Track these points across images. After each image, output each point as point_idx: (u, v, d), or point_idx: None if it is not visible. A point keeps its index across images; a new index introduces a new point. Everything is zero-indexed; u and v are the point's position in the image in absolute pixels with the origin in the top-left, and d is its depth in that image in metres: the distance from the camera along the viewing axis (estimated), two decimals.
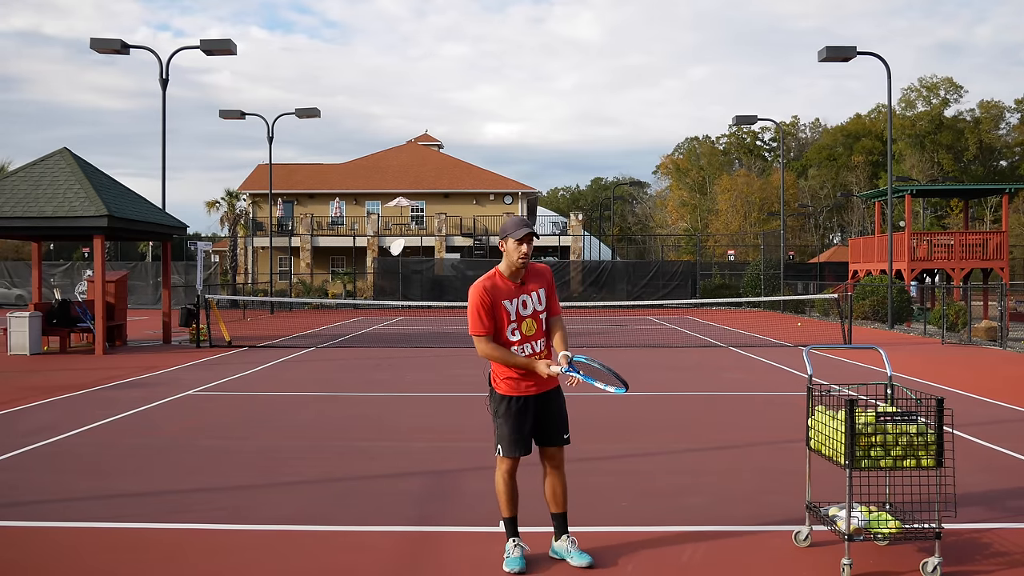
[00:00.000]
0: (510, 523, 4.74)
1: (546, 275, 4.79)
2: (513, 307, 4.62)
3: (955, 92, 73.81)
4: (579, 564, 4.66)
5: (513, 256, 4.59)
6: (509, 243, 4.59)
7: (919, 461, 4.43)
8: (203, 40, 24.48)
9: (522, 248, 4.57)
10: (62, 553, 4.94)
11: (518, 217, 4.71)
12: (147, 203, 19.32)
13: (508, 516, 4.73)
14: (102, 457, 7.55)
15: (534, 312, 4.67)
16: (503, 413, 4.65)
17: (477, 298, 4.56)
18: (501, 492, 4.70)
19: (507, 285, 4.63)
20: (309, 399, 11.06)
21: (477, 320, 4.57)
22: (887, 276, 24.66)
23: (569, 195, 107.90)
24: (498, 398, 4.69)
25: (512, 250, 4.59)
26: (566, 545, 4.74)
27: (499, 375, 4.68)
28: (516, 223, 4.62)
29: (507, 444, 4.64)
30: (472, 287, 4.60)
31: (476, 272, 38.63)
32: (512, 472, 4.69)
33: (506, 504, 4.72)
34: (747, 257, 52.42)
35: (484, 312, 4.56)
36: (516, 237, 4.56)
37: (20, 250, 49.79)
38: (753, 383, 12.40)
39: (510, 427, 4.63)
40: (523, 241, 4.57)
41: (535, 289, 4.69)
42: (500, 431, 4.67)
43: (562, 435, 4.75)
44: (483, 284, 4.61)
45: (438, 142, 58.96)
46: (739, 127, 78.84)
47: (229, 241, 42.55)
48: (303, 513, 5.71)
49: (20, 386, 12.09)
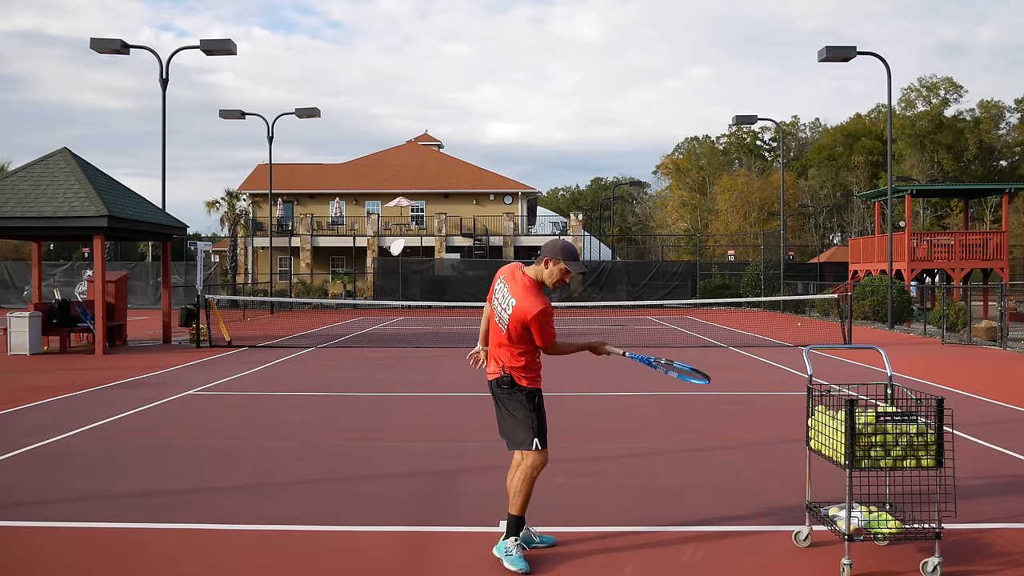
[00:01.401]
0: (520, 522, 4.72)
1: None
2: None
3: (955, 92, 73.86)
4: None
5: (555, 279, 4.72)
6: (560, 267, 4.69)
7: (919, 461, 4.43)
8: (203, 40, 24.48)
9: (566, 280, 4.72)
10: (62, 553, 4.94)
11: (573, 247, 4.76)
12: (147, 203, 19.32)
13: (522, 515, 4.72)
14: (102, 457, 7.55)
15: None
16: (538, 405, 4.75)
17: (550, 308, 4.64)
18: (525, 491, 4.69)
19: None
20: (309, 399, 11.06)
21: (552, 327, 4.67)
22: (887, 276, 24.66)
23: (569, 195, 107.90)
24: (528, 392, 4.73)
25: (557, 274, 4.70)
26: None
27: (526, 372, 4.73)
28: (575, 254, 4.76)
29: (544, 435, 4.72)
30: (542, 300, 4.64)
31: (476, 272, 38.61)
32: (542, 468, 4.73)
33: (525, 502, 4.71)
34: (747, 257, 52.40)
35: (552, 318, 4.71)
36: (575, 270, 4.70)
37: (20, 250, 49.79)
38: (753, 383, 12.40)
39: (543, 419, 4.75)
40: (570, 276, 4.69)
41: None
42: (538, 424, 4.71)
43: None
44: (545, 297, 4.71)
45: (438, 142, 58.95)
46: (739, 127, 78.87)
47: (229, 241, 42.55)
48: (303, 513, 5.71)
49: (20, 386, 12.09)
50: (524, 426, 4.69)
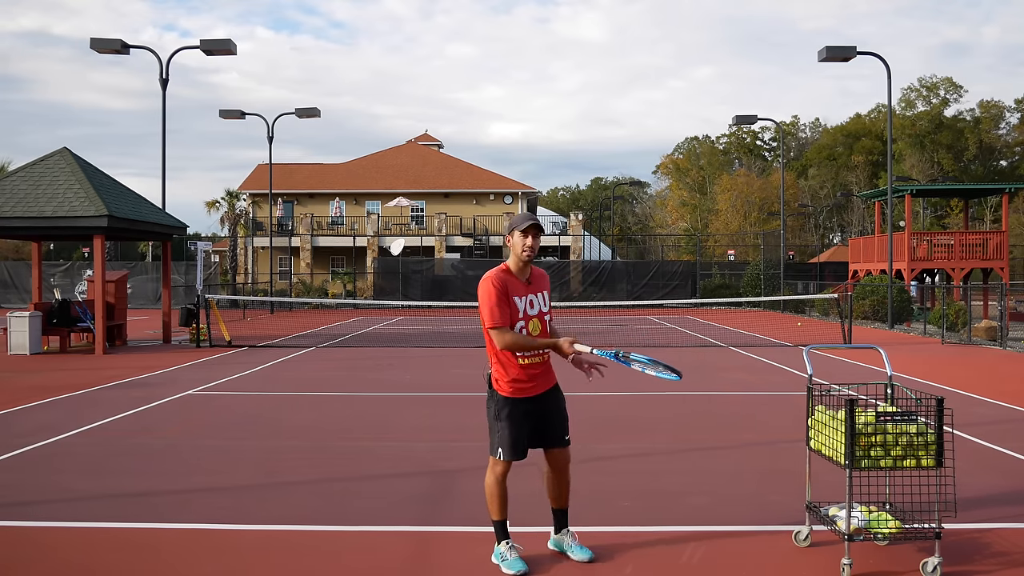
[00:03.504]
0: (501, 526, 4.70)
1: (547, 279, 4.81)
2: (522, 304, 4.57)
3: (955, 92, 73.84)
4: (580, 558, 4.67)
5: (519, 249, 4.55)
6: (515, 236, 4.56)
7: (919, 461, 4.43)
8: (203, 40, 24.45)
9: (527, 241, 4.52)
10: (62, 553, 4.94)
11: (527, 213, 4.69)
12: (147, 203, 19.32)
13: (500, 519, 4.69)
14: (102, 457, 7.55)
15: (540, 313, 4.64)
16: (505, 417, 4.58)
17: (491, 288, 4.47)
18: (494, 495, 4.65)
19: (516, 282, 4.59)
20: (309, 399, 11.06)
21: (496, 310, 4.45)
22: (887, 276, 24.66)
23: (569, 195, 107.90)
24: (500, 400, 4.60)
25: (518, 243, 4.55)
26: (566, 540, 4.76)
27: (503, 377, 4.60)
28: (522, 217, 4.60)
29: (508, 448, 4.57)
30: (482, 280, 4.53)
31: (476, 272, 38.61)
32: (505, 475, 4.65)
33: (499, 507, 4.67)
34: (747, 257, 52.36)
35: (502, 301, 4.47)
36: (521, 228, 4.53)
37: (20, 250, 49.79)
38: (753, 383, 12.39)
39: (512, 431, 4.57)
40: (528, 233, 4.53)
41: (540, 290, 4.69)
42: (501, 434, 4.59)
43: (563, 436, 4.73)
44: (493, 276, 4.54)
45: (438, 142, 58.97)
46: (739, 127, 78.85)
47: (229, 241, 42.54)
48: (303, 513, 5.71)
49: (20, 386, 12.08)
50: (491, 431, 4.67)
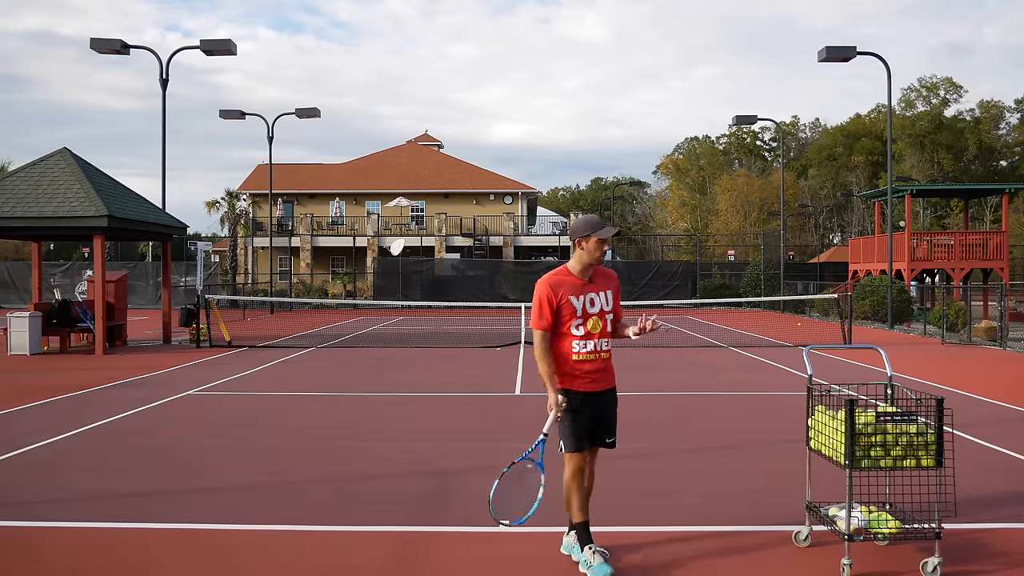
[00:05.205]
0: (583, 528, 4.58)
1: (614, 279, 4.80)
2: (580, 303, 4.59)
3: (955, 92, 73.83)
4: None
5: (595, 254, 4.60)
6: (591, 242, 4.59)
7: (919, 461, 4.43)
8: (203, 40, 24.44)
9: (604, 247, 4.60)
10: (62, 553, 4.94)
11: (597, 217, 4.71)
12: (147, 203, 19.32)
13: (579, 520, 4.58)
14: (102, 457, 7.55)
15: (601, 311, 4.65)
16: (569, 409, 4.57)
17: (543, 292, 4.56)
18: (573, 493, 4.57)
19: (574, 281, 4.62)
20: (309, 399, 11.06)
21: (538, 313, 4.56)
22: (887, 276, 24.65)
23: (569, 195, 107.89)
24: (561, 392, 4.57)
25: (594, 248, 4.59)
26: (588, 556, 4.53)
27: (559, 369, 4.61)
28: (600, 222, 4.64)
29: (567, 440, 4.56)
30: (539, 281, 4.61)
31: (476, 272, 38.67)
32: (578, 472, 4.58)
33: (578, 507, 4.57)
34: (747, 257, 52.37)
35: (548, 307, 4.55)
36: (601, 236, 4.58)
37: (20, 250, 49.79)
38: (753, 383, 12.39)
39: (570, 421, 4.56)
40: (606, 242, 4.59)
41: (604, 289, 4.69)
42: (561, 427, 4.58)
43: (605, 438, 4.71)
44: (549, 279, 4.61)
45: (438, 142, 58.99)
46: (739, 127, 78.84)
47: (229, 241, 42.56)
48: (303, 513, 5.71)
49: (20, 386, 12.08)
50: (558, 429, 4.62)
